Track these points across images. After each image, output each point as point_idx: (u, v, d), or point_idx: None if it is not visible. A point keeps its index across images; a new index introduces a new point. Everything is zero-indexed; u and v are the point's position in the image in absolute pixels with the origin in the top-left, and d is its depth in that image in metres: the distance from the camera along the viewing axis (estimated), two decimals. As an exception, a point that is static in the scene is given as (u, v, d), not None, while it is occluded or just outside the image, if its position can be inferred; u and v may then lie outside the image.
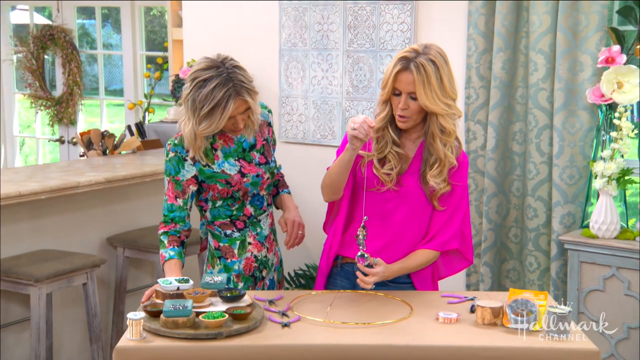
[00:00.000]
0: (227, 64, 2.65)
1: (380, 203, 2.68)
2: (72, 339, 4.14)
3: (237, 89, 2.62)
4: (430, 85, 2.54)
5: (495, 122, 3.86)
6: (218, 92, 2.59)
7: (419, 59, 2.55)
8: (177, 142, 2.74)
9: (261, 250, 2.87)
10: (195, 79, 2.63)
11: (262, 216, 2.88)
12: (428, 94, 2.54)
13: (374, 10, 4.25)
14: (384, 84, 2.63)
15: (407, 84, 2.56)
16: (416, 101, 2.58)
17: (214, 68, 2.63)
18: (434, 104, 2.55)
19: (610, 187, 3.50)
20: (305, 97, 4.55)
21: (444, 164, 2.63)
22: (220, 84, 2.60)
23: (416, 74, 2.54)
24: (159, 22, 7.45)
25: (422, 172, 2.66)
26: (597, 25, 3.59)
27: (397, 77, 2.57)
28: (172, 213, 2.75)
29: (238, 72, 2.65)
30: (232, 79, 2.62)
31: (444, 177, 2.65)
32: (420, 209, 2.69)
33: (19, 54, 7.28)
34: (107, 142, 4.85)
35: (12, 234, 3.77)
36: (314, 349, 2.23)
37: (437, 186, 2.64)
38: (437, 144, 2.62)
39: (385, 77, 2.62)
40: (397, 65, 2.57)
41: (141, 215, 4.39)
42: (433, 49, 2.60)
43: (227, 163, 2.77)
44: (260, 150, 2.85)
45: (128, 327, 2.24)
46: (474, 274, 4.06)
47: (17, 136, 7.80)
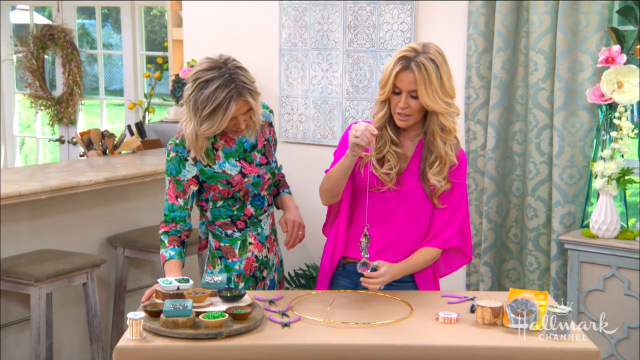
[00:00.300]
0: (229, 65, 2.64)
1: (380, 203, 2.68)
2: (72, 339, 4.14)
3: (240, 90, 2.61)
4: (431, 84, 2.55)
5: (495, 122, 3.86)
6: (220, 93, 2.58)
7: (419, 58, 2.56)
8: (178, 142, 2.74)
9: (262, 251, 2.87)
10: (197, 80, 2.62)
11: (262, 216, 2.87)
12: (429, 93, 2.55)
13: (374, 10, 4.25)
14: (384, 83, 2.62)
15: (408, 83, 2.57)
16: (416, 100, 2.58)
17: (216, 69, 2.62)
18: (435, 102, 2.56)
19: (610, 187, 3.50)
20: (305, 97, 4.55)
21: (444, 162, 2.64)
22: (223, 85, 2.59)
23: (417, 73, 2.55)
24: (159, 22, 7.45)
25: (422, 170, 2.67)
26: (597, 25, 3.59)
27: (397, 76, 2.57)
28: (173, 213, 2.75)
29: (240, 73, 2.64)
30: (234, 80, 2.61)
31: (444, 175, 2.65)
32: (420, 207, 2.69)
33: (19, 53, 7.28)
34: (107, 142, 4.85)
35: (12, 233, 3.77)
36: (314, 348, 2.23)
37: (438, 184, 2.64)
38: (437, 142, 2.63)
39: (385, 76, 2.62)
40: (398, 65, 2.57)
41: (141, 215, 4.39)
42: (432, 47, 2.61)
43: (228, 163, 2.76)
44: (262, 150, 2.84)
45: (128, 327, 2.24)
46: (474, 273, 4.06)
47: (17, 136, 7.80)
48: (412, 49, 2.60)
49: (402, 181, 2.67)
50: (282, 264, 3.02)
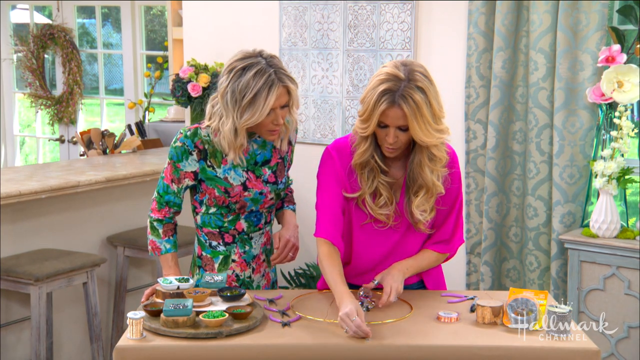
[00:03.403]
0: (264, 55, 2.53)
1: (384, 235, 2.56)
2: (72, 339, 4.14)
3: (279, 75, 2.47)
4: (422, 117, 2.32)
5: (496, 121, 3.86)
6: (259, 78, 2.45)
7: (405, 90, 2.31)
8: (189, 135, 2.59)
9: (245, 270, 2.71)
10: (233, 69, 2.49)
11: (255, 234, 2.71)
12: (422, 127, 2.33)
13: (374, 9, 4.25)
14: (365, 118, 2.37)
15: (397, 119, 2.34)
16: (406, 132, 2.37)
17: (252, 57, 2.51)
18: (428, 136, 2.35)
19: (610, 187, 3.50)
20: (306, 97, 4.55)
21: (431, 193, 2.47)
22: (262, 70, 2.46)
23: (406, 108, 2.31)
24: (159, 21, 7.45)
25: (407, 201, 2.50)
26: (597, 25, 3.59)
27: (384, 113, 2.33)
28: (167, 195, 2.64)
29: (277, 61, 2.51)
30: (271, 66, 2.48)
31: (430, 205, 2.49)
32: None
33: (19, 53, 7.28)
34: (107, 142, 4.85)
35: (13, 233, 3.77)
36: (314, 348, 2.23)
37: (421, 217, 2.48)
38: (424, 172, 2.44)
39: (367, 111, 2.36)
40: (383, 102, 2.32)
41: (141, 215, 4.37)
42: (416, 71, 2.35)
43: (233, 171, 2.61)
44: (273, 168, 2.67)
45: (128, 326, 2.24)
46: (474, 273, 4.06)
47: (17, 135, 7.80)
48: (394, 76, 2.33)
49: (400, 212, 2.52)
50: (273, 286, 2.85)
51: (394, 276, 2.48)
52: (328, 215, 2.51)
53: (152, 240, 2.67)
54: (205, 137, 2.60)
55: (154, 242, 2.67)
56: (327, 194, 2.53)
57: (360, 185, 2.50)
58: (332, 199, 2.52)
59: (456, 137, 3.99)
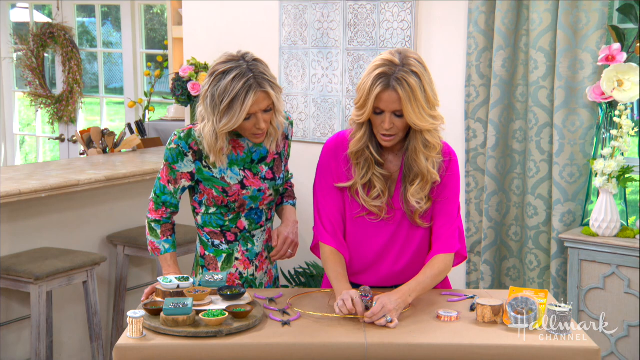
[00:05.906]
0: (247, 58, 2.51)
1: (377, 228, 2.55)
2: (72, 337, 4.14)
3: (258, 80, 2.45)
4: (416, 101, 2.35)
5: (496, 120, 3.86)
6: (237, 82, 2.44)
7: (399, 73, 2.34)
8: (183, 137, 2.60)
9: (248, 268, 2.73)
10: (214, 73, 2.49)
11: (257, 231, 2.72)
12: (416, 111, 2.35)
13: (374, 8, 4.25)
14: (361, 104, 2.40)
15: (391, 103, 2.36)
16: (401, 118, 2.39)
17: (234, 61, 2.50)
18: (422, 120, 2.37)
19: (610, 185, 3.50)
20: (306, 95, 4.55)
21: (426, 180, 2.47)
22: (240, 74, 2.45)
23: (401, 91, 2.34)
24: (159, 20, 7.45)
25: (403, 190, 2.49)
26: (597, 23, 3.59)
27: (379, 97, 2.36)
28: (164, 195, 2.64)
29: (259, 64, 2.50)
30: (252, 70, 2.46)
31: (425, 193, 2.49)
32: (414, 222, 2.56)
33: (19, 52, 7.29)
34: (107, 140, 4.86)
35: (13, 232, 3.78)
36: (314, 347, 2.23)
37: (417, 205, 2.48)
38: (419, 159, 2.45)
39: (362, 97, 2.39)
40: (378, 85, 2.35)
41: (141, 214, 4.37)
42: (411, 57, 2.39)
43: (230, 171, 2.62)
44: (270, 164, 2.68)
45: (128, 325, 2.24)
46: (474, 272, 4.06)
47: (17, 134, 7.80)
48: (389, 61, 2.37)
49: (393, 205, 2.52)
50: (275, 283, 2.86)
51: (390, 297, 2.37)
52: (329, 220, 2.56)
53: (151, 240, 2.69)
54: (199, 138, 2.60)
55: (153, 243, 2.69)
56: (325, 199, 2.56)
57: (354, 174, 2.50)
58: (332, 203, 2.56)
59: (456, 136, 3.99)
